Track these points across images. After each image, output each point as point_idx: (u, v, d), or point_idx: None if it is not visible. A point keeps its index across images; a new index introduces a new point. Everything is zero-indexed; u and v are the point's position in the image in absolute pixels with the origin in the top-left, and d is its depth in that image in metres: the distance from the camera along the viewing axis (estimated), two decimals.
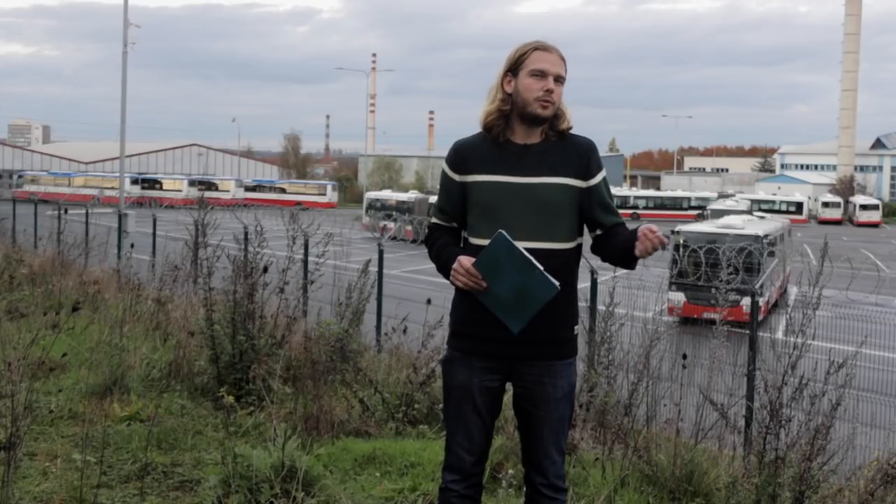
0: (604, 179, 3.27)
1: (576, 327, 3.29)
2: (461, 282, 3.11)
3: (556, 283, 3.00)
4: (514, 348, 3.16)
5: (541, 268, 2.99)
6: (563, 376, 3.24)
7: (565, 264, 3.18)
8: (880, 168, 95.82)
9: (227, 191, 65.69)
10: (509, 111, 3.22)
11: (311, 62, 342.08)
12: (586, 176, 3.22)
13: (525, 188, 3.16)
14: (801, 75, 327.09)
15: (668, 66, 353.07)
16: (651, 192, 74.41)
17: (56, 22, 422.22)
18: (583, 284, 3.96)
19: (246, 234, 9.33)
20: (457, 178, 3.28)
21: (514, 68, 3.22)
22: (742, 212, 37.73)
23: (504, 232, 3.01)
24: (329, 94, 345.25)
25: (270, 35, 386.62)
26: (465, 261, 3.10)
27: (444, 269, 3.23)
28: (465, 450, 3.28)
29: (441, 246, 3.29)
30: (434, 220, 3.40)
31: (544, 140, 3.23)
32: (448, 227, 3.35)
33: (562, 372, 3.24)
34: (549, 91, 3.15)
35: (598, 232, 3.28)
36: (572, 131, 3.27)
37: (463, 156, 3.27)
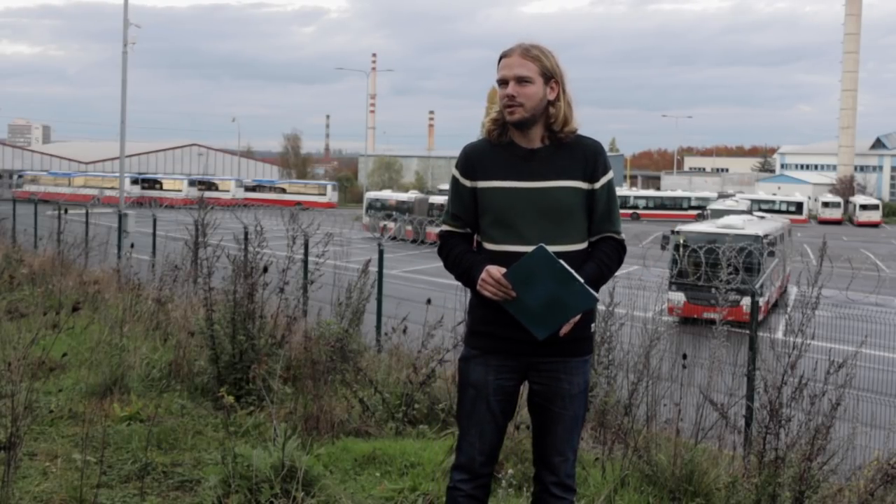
0: (608, 183, 3.27)
1: (592, 325, 3.31)
2: (490, 292, 3.09)
3: (596, 295, 3.02)
4: (531, 346, 3.16)
5: (581, 280, 2.99)
6: (579, 373, 3.26)
7: (579, 264, 3.16)
8: (880, 168, 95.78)
9: (227, 191, 65.69)
10: (503, 120, 3.27)
11: (315, 62, 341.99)
12: (592, 179, 3.24)
13: (536, 192, 3.18)
14: (805, 75, 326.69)
15: (674, 67, 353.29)
16: (651, 192, 74.34)
17: (61, 22, 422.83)
18: None
19: (246, 234, 9.32)
20: (468, 183, 3.28)
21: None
22: (742, 212, 37.67)
23: (544, 245, 3.00)
24: (331, 95, 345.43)
25: (276, 35, 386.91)
26: (495, 271, 3.08)
27: (466, 275, 3.23)
28: (477, 449, 3.28)
29: (459, 254, 3.27)
30: (446, 227, 3.36)
31: (551, 143, 3.24)
32: (462, 233, 3.34)
33: (578, 369, 3.25)
34: (510, 97, 3.18)
35: (589, 237, 3.30)
36: (579, 132, 3.28)
37: (473, 161, 3.29)
